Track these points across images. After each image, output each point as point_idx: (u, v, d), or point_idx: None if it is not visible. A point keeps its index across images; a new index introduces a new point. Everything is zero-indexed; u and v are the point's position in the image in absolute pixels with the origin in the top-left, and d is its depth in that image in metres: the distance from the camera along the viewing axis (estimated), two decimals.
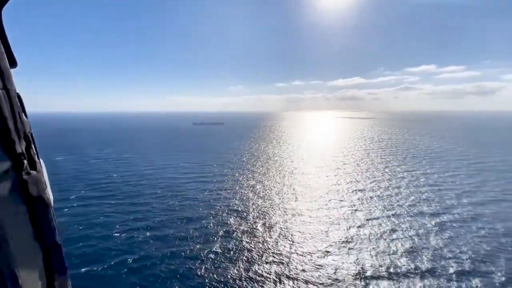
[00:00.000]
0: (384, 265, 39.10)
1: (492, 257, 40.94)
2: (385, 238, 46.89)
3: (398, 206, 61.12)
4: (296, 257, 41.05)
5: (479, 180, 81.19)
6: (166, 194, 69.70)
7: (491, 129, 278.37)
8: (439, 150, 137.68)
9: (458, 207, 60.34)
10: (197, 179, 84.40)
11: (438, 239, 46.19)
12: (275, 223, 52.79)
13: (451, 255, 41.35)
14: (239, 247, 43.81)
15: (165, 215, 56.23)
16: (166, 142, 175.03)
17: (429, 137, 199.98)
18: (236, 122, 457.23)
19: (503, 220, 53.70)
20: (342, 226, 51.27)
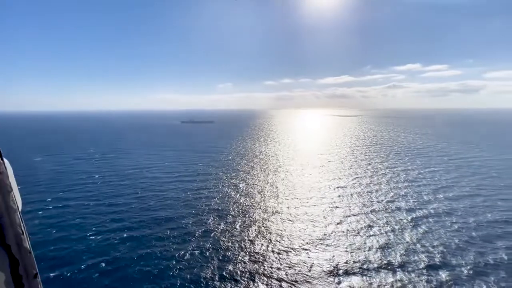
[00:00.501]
0: (358, 261, 39.70)
1: (462, 251, 42.20)
2: (362, 234, 47.63)
3: (377, 203, 62.23)
4: (271, 256, 41.16)
5: (456, 176, 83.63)
6: (147, 194, 68.62)
7: (473, 126, 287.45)
8: (421, 147, 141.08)
9: (434, 203, 61.96)
10: (180, 178, 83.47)
11: (413, 235, 47.27)
12: (253, 222, 52.79)
13: (423, 250, 42.39)
14: (216, 247, 43.56)
15: (144, 216, 55.33)
16: (152, 141, 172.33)
17: (413, 134, 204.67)
18: (226, 120, 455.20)
19: (476, 214, 55.46)
20: (321, 224, 51.76)
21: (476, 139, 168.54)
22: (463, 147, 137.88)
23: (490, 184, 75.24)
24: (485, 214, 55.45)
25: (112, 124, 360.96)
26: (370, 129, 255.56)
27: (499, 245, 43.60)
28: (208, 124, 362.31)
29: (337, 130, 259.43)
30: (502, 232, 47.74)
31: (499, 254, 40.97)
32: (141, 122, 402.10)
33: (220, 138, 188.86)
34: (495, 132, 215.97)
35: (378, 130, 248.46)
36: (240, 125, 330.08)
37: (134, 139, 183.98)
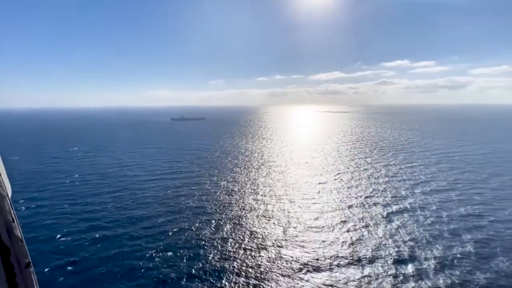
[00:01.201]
0: (329, 256, 39.94)
1: (431, 245, 42.93)
2: (336, 230, 47.93)
3: (355, 198, 62.79)
4: (244, 253, 41.03)
5: (435, 170, 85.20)
6: (125, 193, 67.49)
7: (458, 122, 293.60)
8: (405, 142, 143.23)
9: (411, 197, 62.92)
10: (162, 176, 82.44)
11: (385, 230, 47.86)
12: (229, 219, 52.54)
13: (393, 244, 42.95)
14: (188, 245, 43.16)
15: (119, 215, 54.39)
16: (138, 139, 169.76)
17: (399, 130, 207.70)
18: (218, 117, 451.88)
19: (449, 208, 56.56)
20: (297, 221, 51.89)
21: (459, 135, 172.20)
22: (445, 142, 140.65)
23: (466, 178, 76.92)
24: (459, 208, 56.63)
25: (101, 122, 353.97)
26: (358, 125, 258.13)
27: (468, 238, 44.58)
28: (198, 121, 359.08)
29: (326, 126, 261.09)
30: (472, 226, 48.83)
31: (467, 248, 41.88)
32: (131, 119, 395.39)
33: (208, 136, 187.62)
34: (477, 128, 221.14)
35: (365, 126, 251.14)
36: (231, 122, 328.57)
37: (120, 137, 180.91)
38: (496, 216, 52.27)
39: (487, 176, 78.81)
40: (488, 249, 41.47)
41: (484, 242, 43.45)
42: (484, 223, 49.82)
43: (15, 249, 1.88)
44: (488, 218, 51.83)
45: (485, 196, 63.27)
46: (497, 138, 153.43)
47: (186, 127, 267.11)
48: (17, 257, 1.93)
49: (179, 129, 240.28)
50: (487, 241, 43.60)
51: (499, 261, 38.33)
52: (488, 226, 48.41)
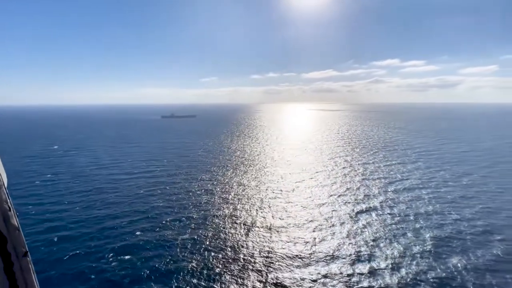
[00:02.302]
0: (289, 256, 39.77)
1: (391, 244, 43.15)
2: (303, 229, 47.82)
3: (328, 197, 62.85)
4: (203, 254, 40.53)
5: (411, 169, 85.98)
6: (96, 192, 66.16)
7: (444, 120, 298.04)
8: (389, 141, 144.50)
9: (382, 196, 63.25)
10: (138, 175, 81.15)
11: (351, 229, 47.90)
12: (196, 219, 51.92)
13: (355, 244, 43.01)
14: (148, 246, 42.45)
15: (85, 215, 53.19)
16: (123, 137, 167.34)
17: (385, 128, 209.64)
18: (210, 115, 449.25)
19: (417, 207, 57.03)
20: (265, 220, 51.60)
21: (442, 133, 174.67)
22: (428, 141, 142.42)
23: (441, 176, 77.84)
24: (427, 207, 57.15)
25: (90, 119, 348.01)
26: (346, 124, 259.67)
27: (430, 236, 44.94)
28: (189, 119, 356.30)
29: (315, 124, 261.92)
30: (437, 225, 49.25)
31: (427, 247, 42.19)
32: (121, 117, 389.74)
33: (195, 134, 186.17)
34: (462, 126, 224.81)
35: (353, 124, 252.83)
36: (222, 120, 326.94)
37: (105, 135, 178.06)
38: (461, 215, 52.89)
39: (460, 174, 79.94)
40: (447, 248, 41.85)
41: (445, 241, 43.86)
42: (448, 221, 50.35)
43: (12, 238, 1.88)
44: (453, 216, 52.42)
45: (455, 194, 64.08)
46: (478, 137, 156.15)
47: (175, 125, 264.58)
48: (14, 246, 1.93)
49: (167, 127, 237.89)
50: (448, 240, 44.03)
51: (457, 261, 38.70)
52: (452, 225, 48.93)
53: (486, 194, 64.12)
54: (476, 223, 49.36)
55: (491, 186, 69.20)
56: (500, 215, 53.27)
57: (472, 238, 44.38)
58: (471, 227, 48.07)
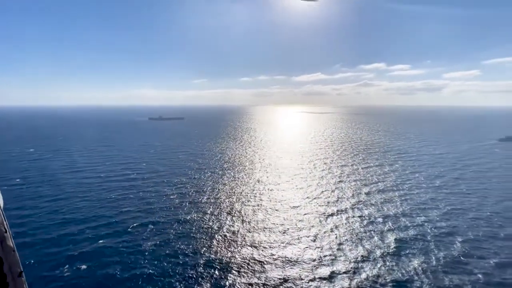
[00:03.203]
0: (252, 261, 39.28)
1: (356, 246, 43.23)
2: (272, 232, 47.44)
3: (302, 200, 62.78)
4: (163, 264, 39.55)
5: (388, 171, 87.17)
6: (66, 197, 63.98)
7: (428, 123, 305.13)
8: (370, 143, 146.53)
9: (355, 198, 63.65)
10: (115, 178, 79.23)
11: (319, 232, 47.83)
12: (164, 223, 50.79)
13: (320, 248, 42.88)
14: (114, 253, 41.14)
15: (47, 221, 51.22)
16: (105, 140, 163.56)
17: (369, 131, 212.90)
18: (199, 117, 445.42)
19: (388, 209, 57.62)
20: (236, 223, 50.98)
21: (423, 135, 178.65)
22: (408, 143, 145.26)
23: (414, 178, 79.19)
24: (396, 209, 57.84)
25: (75, 121, 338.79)
26: (333, 126, 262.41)
27: (394, 238, 45.31)
28: (176, 121, 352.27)
29: (302, 127, 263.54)
30: (403, 226, 49.81)
31: (390, 249, 42.50)
32: (108, 119, 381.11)
33: (181, 136, 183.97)
34: (443, 128, 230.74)
35: (339, 127, 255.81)
36: (210, 122, 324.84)
37: (86, 138, 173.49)
38: (428, 217, 53.71)
39: (434, 176, 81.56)
40: (410, 250, 42.23)
41: (409, 243, 44.29)
42: (415, 224, 50.98)
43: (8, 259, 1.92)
44: (421, 218, 53.17)
45: (426, 196, 65.18)
46: (457, 139, 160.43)
47: (162, 127, 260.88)
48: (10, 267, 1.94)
49: (154, 129, 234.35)
50: (412, 243, 44.48)
51: (417, 263, 39.07)
52: (418, 227, 49.55)
53: (456, 195, 65.55)
54: (441, 225, 50.21)
55: (462, 188, 70.86)
56: (467, 216, 54.44)
57: (436, 240, 45.02)
58: (436, 229, 48.82)
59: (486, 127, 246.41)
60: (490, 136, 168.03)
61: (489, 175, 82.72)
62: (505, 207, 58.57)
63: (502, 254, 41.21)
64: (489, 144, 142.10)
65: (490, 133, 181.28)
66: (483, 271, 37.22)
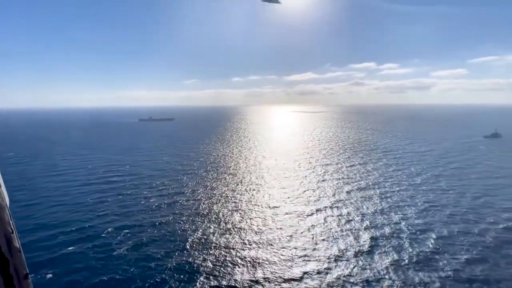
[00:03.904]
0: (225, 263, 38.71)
1: (331, 244, 43.08)
2: (250, 232, 46.99)
3: (283, 200, 62.47)
4: (135, 269, 38.64)
5: (371, 169, 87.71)
6: (40, 202, 62.21)
7: (416, 121, 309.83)
8: (357, 142, 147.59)
9: (336, 196, 63.70)
10: (95, 181, 77.54)
11: (297, 230, 47.57)
12: (142, 229, 49.76)
13: (294, 246, 42.58)
14: (85, 259, 39.99)
15: (17, 226, 49.23)
16: (91, 142, 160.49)
17: (357, 129, 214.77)
18: (189, 117, 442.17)
19: (366, 207, 57.80)
20: (209, 225, 50.34)
21: (409, 133, 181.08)
22: (394, 141, 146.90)
23: (397, 176, 79.86)
24: (375, 206, 58.09)
25: (62, 123, 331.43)
26: (323, 125, 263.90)
27: (369, 237, 45.36)
28: (166, 122, 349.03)
29: (291, 127, 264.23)
30: (379, 224, 49.98)
31: (364, 248, 42.52)
32: (97, 121, 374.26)
33: (169, 137, 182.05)
34: (429, 126, 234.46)
35: (329, 126, 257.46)
36: (200, 123, 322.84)
37: (71, 140, 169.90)
38: (404, 214, 54.08)
39: (416, 173, 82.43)
40: (383, 248, 42.32)
41: (382, 240, 44.42)
42: (391, 221, 51.23)
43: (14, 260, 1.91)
44: (398, 216, 53.48)
45: (405, 194, 65.69)
46: (443, 137, 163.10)
47: (151, 128, 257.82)
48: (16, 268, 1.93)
49: (142, 131, 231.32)
50: (385, 240, 44.63)
51: (388, 260, 39.15)
52: (393, 225, 49.80)
53: (435, 192, 66.27)
54: (417, 222, 50.56)
55: (441, 185, 71.73)
56: (443, 213, 54.98)
57: (410, 237, 45.25)
58: (412, 226, 49.10)
59: (472, 124, 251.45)
60: (476, 133, 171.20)
61: (469, 171, 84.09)
62: (481, 203, 59.49)
63: (474, 250, 41.67)
64: (474, 141, 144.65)
65: (476, 131, 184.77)
66: (454, 267, 37.51)
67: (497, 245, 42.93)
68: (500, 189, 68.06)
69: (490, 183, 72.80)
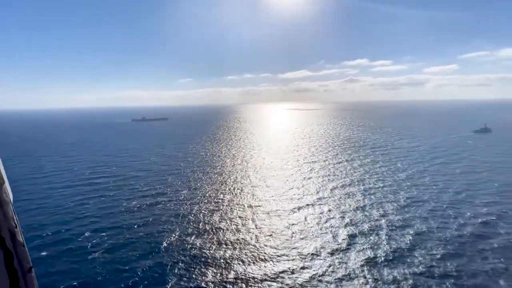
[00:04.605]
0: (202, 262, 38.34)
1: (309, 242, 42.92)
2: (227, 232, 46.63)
3: (266, 199, 62.21)
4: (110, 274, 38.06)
5: (357, 165, 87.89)
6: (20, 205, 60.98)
7: (409, 116, 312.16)
8: (347, 139, 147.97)
9: (319, 194, 63.64)
10: (79, 183, 76.51)
11: (277, 229, 47.36)
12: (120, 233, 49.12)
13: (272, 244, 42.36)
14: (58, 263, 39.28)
15: None
16: (79, 143, 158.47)
17: (348, 126, 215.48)
18: (182, 117, 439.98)
19: (348, 204, 57.79)
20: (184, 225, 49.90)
21: (399, 129, 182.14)
22: (384, 137, 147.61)
23: (382, 172, 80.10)
24: (357, 203, 58.11)
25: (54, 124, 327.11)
26: (315, 123, 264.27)
27: (347, 234, 45.31)
28: (160, 122, 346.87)
29: (284, 125, 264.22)
30: (359, 220, 50.00)
31: (342, 245, 42.45)
32: (89, 121, 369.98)
33: (161, 137, 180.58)
34: (420, 122, 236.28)
35: (321, 123, 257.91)
36: (194, 122, 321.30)
37: (60, 142, 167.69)
38: (384, 210, 54.16)
39: (402, 169, 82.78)
40: (360, 245, 42.27)
41: (361, 237, 44.39)
42: (371, 217, 51.25)
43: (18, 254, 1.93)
44: (378, 212, 53.54)
45: (388, 189, 65.87)
46: (433, 132, 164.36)
47: (144, 128, 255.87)
48: (20, 262, 1.94)
49: (134, 131, 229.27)
50: (364, 236, 44.61)
51: (364, 257, 39.11)
52: (372, 221, 49.82)
53: (418, 188, 66.54)
54: (397, 218, 50.64)
55: (425, 181, 72.09)
56: (424, 208, 55.15)
57: (388, 234, 45.30)
58: (391, 222, 49.18)
59: (463, 119, 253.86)
60: (466, 128, 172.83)
61: (453, 166, 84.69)
62: (462, 198, 59.89)
63: (451, 246, 41.84)
64: (464, 136, 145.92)
65: (467, 126, 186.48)
66: (428, 264, 37.59)
67: (474, 240, 43.18)
68: (482, 183, 68.64)
69: (473, 177, 73.41)
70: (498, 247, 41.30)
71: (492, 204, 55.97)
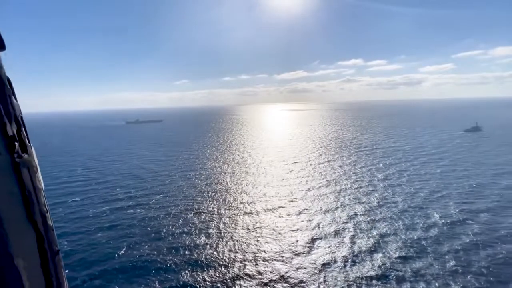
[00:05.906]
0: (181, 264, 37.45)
1: (270, 247, 42.18)
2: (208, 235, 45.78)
3: (252, 203, 61.42)
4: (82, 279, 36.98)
5: (339, 165, 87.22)
6: None
7: (403, 115, 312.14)
8: (335, 139, 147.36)
9: (293, 195, 62.89)
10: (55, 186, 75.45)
11: (242, 233, 46.57)
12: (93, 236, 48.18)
13: (233, 248, 41.56)
14: None
15: None
16: (65, 147, 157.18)
17: (339, 126, 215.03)
18: (177, 119, 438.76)
19: (323, 205, 57.06)
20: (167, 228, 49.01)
21: (389, 129, 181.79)
22: (372, 137, 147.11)
23: (361, 172, 79.45)
24: (332, 203, 57.37)
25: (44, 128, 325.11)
26: (307, 124, 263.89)
27: (307, 239, 44.54)
28: (154, 124, 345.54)
29: (276, 127, 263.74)
30: (332, 221, 49.25)
31: (304, 248, 41.66)
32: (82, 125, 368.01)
33: (153, 139, 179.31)
34: (411, 121, 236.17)
35: (315, 124, 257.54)
36: (188, 124, 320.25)
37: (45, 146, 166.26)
38: (355, 211, 53.42)
39: (381, 169, 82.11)
40: (322, 249, 41.51)
41: (324, 240, 43.64)
42: (340, 219, 50.50)
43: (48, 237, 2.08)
44: (350, 212, 52.80)
45: (364, 190, 65.14)
46: (423, 131, 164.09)
47: (138, 130, 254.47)
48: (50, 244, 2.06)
49: (127, 134, 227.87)
50: (327, 239, 43.87)
51: (323, 260, 38.34)
52: (340, 224, 49.07)
53: (395, 188, 65.89)
54: (366, 219, 49.92)
55: (403, 180, 71.46)
56: (396, 209, 54.46)
57: (354, 236, 44.55)
58: (359, 224, 48.44)
59: (456, 118, 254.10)
60: (458, 127, 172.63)
61: (433, 166, 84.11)
62: (437, 198, 59.22)
63: (414, 247, 41.10)
64: (453, 135, 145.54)
65: (459, 124, 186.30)
66: (388, 266, 36.84)
67: (439, 242, 42.46)
68: (460, 183, 68.01)
69: (452, 176, 72.81)
70: (462, 249, 40.59)
71: (464, 205, 55.32)
